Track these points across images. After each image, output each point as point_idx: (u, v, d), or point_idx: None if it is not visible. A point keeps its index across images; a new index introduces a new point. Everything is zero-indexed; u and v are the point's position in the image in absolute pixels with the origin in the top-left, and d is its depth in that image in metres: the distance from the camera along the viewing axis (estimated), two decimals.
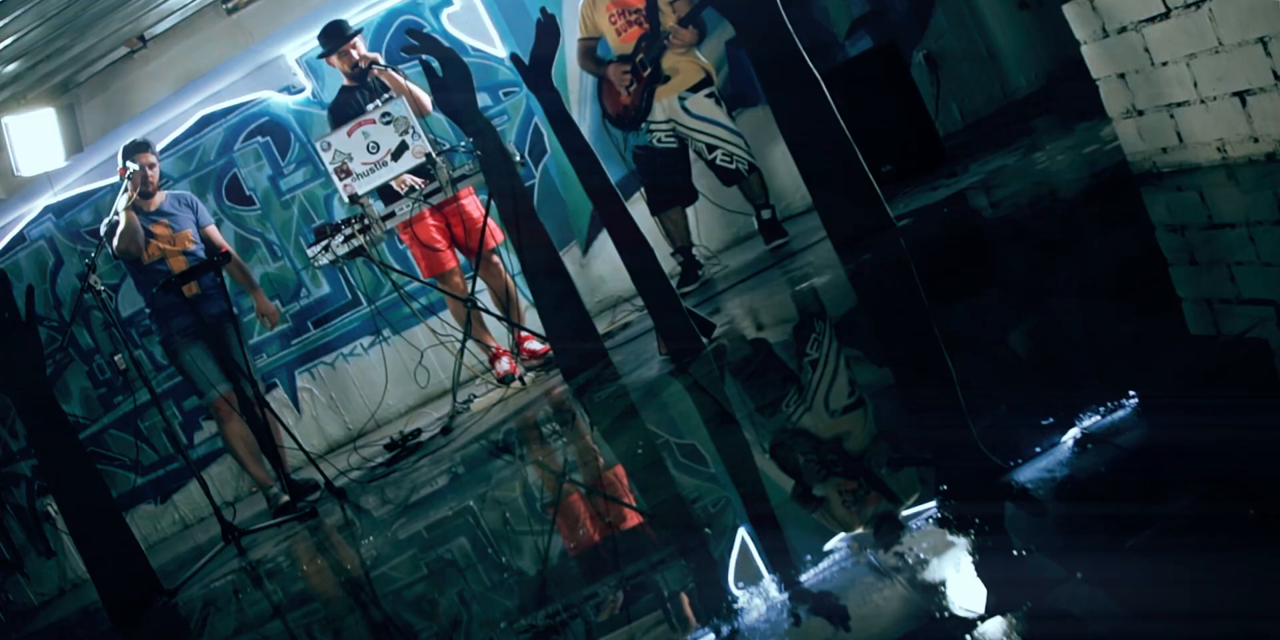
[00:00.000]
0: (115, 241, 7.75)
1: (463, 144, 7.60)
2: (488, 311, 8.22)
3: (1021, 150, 7.00)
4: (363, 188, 7.51)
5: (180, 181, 9.94)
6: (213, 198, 9.98)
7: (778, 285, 6.79)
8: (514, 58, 6.78)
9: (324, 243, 7.49)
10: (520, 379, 7.91)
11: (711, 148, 8.12)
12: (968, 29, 9.47)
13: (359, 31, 8.26)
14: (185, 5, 9.00)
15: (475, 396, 8.22)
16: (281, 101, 9.80)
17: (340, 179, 7.50)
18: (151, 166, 8.05)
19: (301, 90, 9.79)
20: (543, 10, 6.76)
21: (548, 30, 6.65)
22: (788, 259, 7.49)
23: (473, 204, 8.20)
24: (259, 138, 9.93)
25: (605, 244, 9.38)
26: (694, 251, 8.43)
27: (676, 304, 6.02)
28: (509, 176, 7.25)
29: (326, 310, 10.12)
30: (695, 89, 8.13)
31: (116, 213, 7.76)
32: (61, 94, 9.48)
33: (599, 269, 9.67)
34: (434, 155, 7.40)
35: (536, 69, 6.58)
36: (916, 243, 6.05)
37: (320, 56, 8.39)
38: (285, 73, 9.71)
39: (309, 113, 9.59)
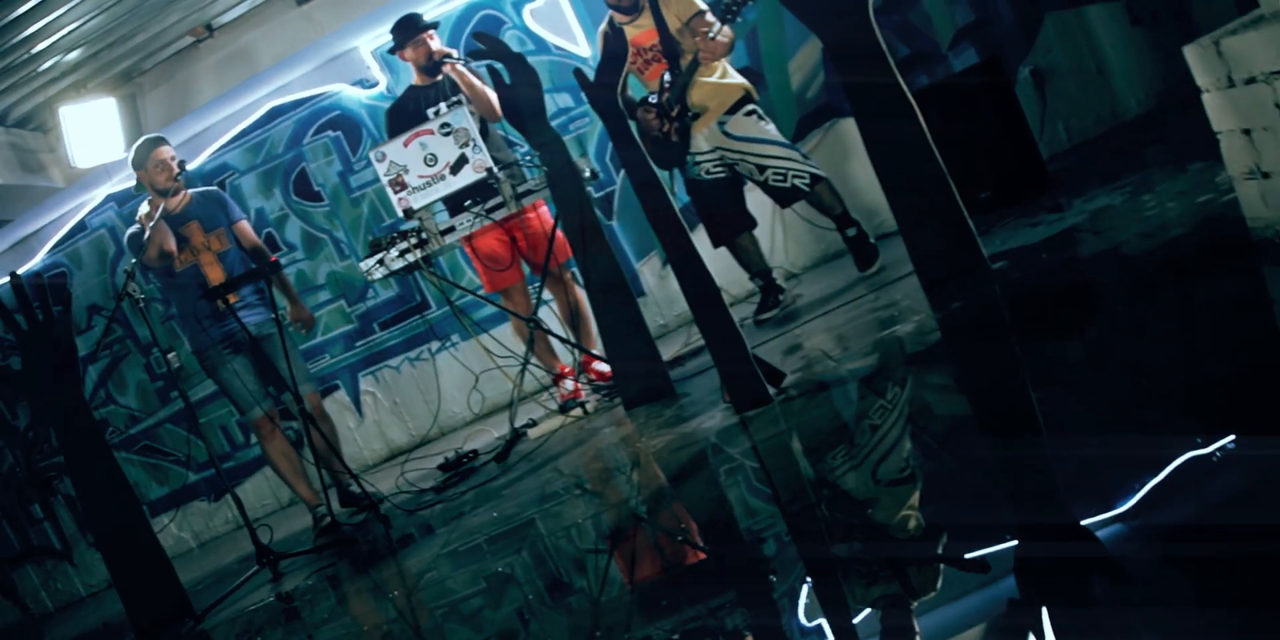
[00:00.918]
0: (148, 252, 7.28)
1: (527, 157, 7.08)
2: (550, 333, 7.67)
3: (1129, 188, 6.32)
4: (419, 202, 7.01)
5: (247, 174, 9.63)
6: (280, 192, 9.63)
7: (860, 325, 6.17)
8: (577, 73, 6.16)
9: (379, 256, 6.99)
10: (583, 406, 7.38)
11: (761, 168, 7.35)
12: (1077, 44, 8.78)
13: (435, 25, 7.70)
14: None
15: (534, 421, 7.68)
16: (354, 95, 9.33)
17: (395, 192, 7.00)
18: (173, 158, 7.48)
19: (375, 84, 9.32)
20: (609, 21, 6.20)
21: (615, 44, 6.07)
22: (876, 291, 6.85)
23: (539, 217, 7.61)
24: (329, 132, 9.51)
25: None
26: (774, 274, 7.79)
27: (742, 349, 5.41)
28: (576, 192, 6.70)
29: (394, 312, 9.66)
30: (734, 109, 7.40)
31: (139, 222, 7.33)
32: (124, 83, 9.10)
33: (670, 287, 9.13)
34: (495, 170, 6.86)
35: (601, 86, 6.00)
36: (1011, 293, 5.41)
37: (391, 50, 7.83)
38: (359, 66, 9.22)
39: (382, 108, 8.98)
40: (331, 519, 7.33)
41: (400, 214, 7.02)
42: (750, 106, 7.41)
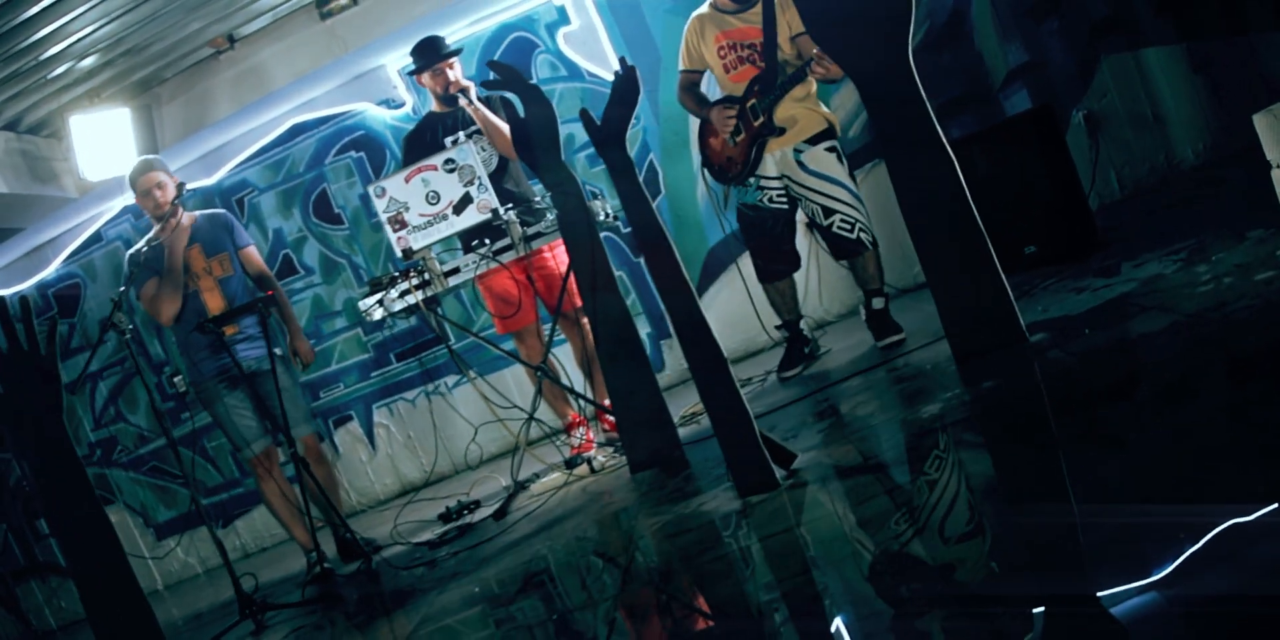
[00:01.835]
0: (150, 292, 7.03)
1: (538, 199, 6.56)
2: (557, 383, 7.10)
3: (1184, 254, 5.73)
4: (419, 242, 6.48)
5: (266, 192, 9.19)
6: (299, 213, 9.16)
7: (886, 399, 5.61)
8: (584, 115, 5.58)
9: (378, 296, 6.48)
10: (589, 462, 6.81)
11: (828, 212, 6.67)
12: (1134, 89, 8.21)
13: (457, 52, 7.18)
14: (277, 6, 8.08)
15: (537, 476, 7.14)
16: (379, 115, 8.84)
17: (394, 230, 6.48)
18: (160, 187, 7.00)
19: (402, 105, 8.82)
20: (622, 61, 5.65)
21: (626, 88, 5.50)
22: (906, 355, 6.30)
23: (556, 257, 7.03)
24: (352, 152, 9.02)
25: (718, 296, 8.56)
26: (803, 324, 7.22)
27: (749, 430, 4.85)
28: (589, 238, 6.16)
29: (411, 344, 9.16)
30: (814, 141, 6.74)
31: (140, 254, 6.84)
32: (140, 93, 8.64)
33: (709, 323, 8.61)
34: (501, 212, 6.35)
35: (609, 133, 5.45)
36: (1051, 376, 4.83)
37: (410, 73, 7.32)
38: (385, 85, 8.73)
39: (407, 130, 8.51)
40: (322, 568, 6.84)
41: (399, 254, 6.49)
42: (832, 142, 6.78)
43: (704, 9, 6.92)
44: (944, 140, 5.31)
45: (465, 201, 6.32)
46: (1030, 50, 8.21)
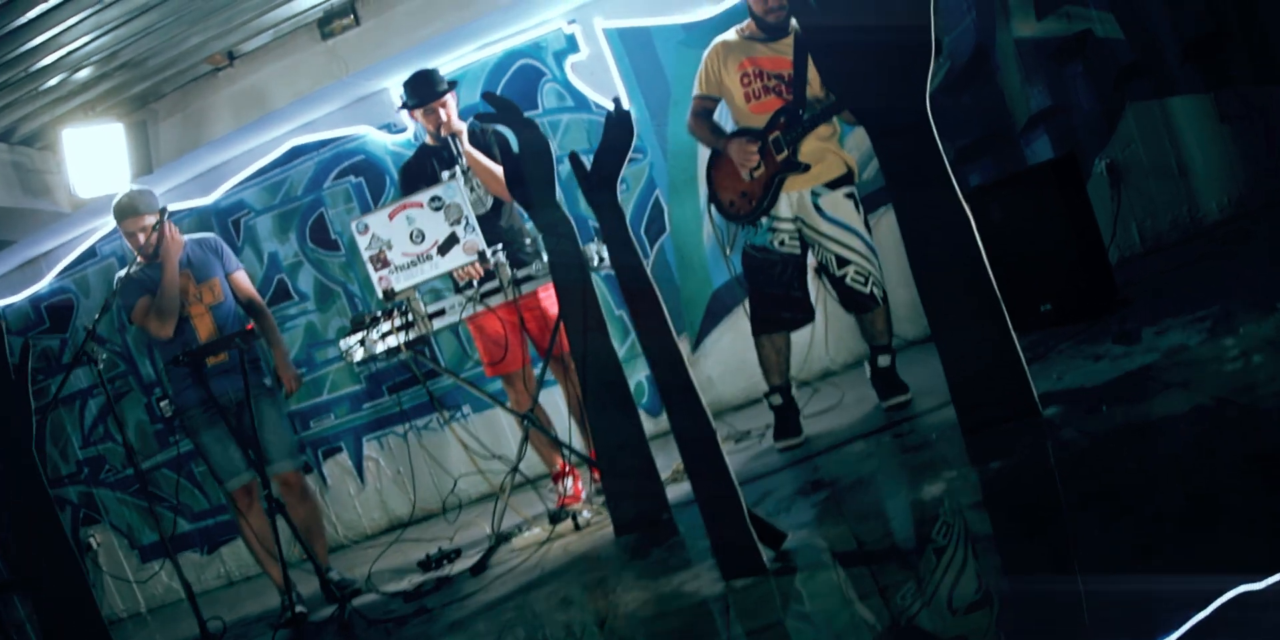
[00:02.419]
0: (143, 311, 6.73)
1: (529, 240, 6.19)
2: (544, 432, 6.69)
3: (1209, 323, 5.33)
4: (401, 283, 6.09)
5: (263, 214, 8.86)
6: (295, 237, 8.80)
7: (886, 471, 5.23)
8: (573, 159, 5.18)
9: (359, 336, 6.09)
10: (574, 518, 6.39)
11: (843, 262, 6.21)
12: (1159, 138, 7.79)
13: (452, 87, 6.75)
14: (278, 24, 7.70)
15: (520, 529, 6.71)
16: (380, 140, 8.48)
17: (376, 269, 6.10)
18: (144, 230, 6.65)
19: (403, 130, 8.46)
20: (616, 102, 5.25)
21: (618, 132, 5.10)
22: (907, 421, 5.90)
23: (552, 298, 6.51)
24: (351, 177, 8.67)
25: (720, 340, 8.19)
26: (794, 391, 6.65)
27: (737, 512, 4.44)
28: (580, 283, 5.76)
29: (404, 376, 8.75)
30: (833, 185, 6.27)
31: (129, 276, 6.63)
32: (136, 109, 8.24)
33: (709, 368, 8.21)
34: (488, 254, 5.96)
35: (598, 178, 5.05)
36: (1064, 461, 4.42)
37: (401, 107, 6.93)
38: (386, 109, 8.40)
39: (408, 156, 8.15)
40: (294, 613, 6.50)
41: (379, 295, 6.11)
42: (851, 188, 6.32)
43: (730, 35, 6.43)
44: (957, 189, 4.92)
45: (451, 242, 5.94)
46: (1054, 94, 7.82)
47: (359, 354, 6.09)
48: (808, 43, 5.28)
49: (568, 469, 6.89)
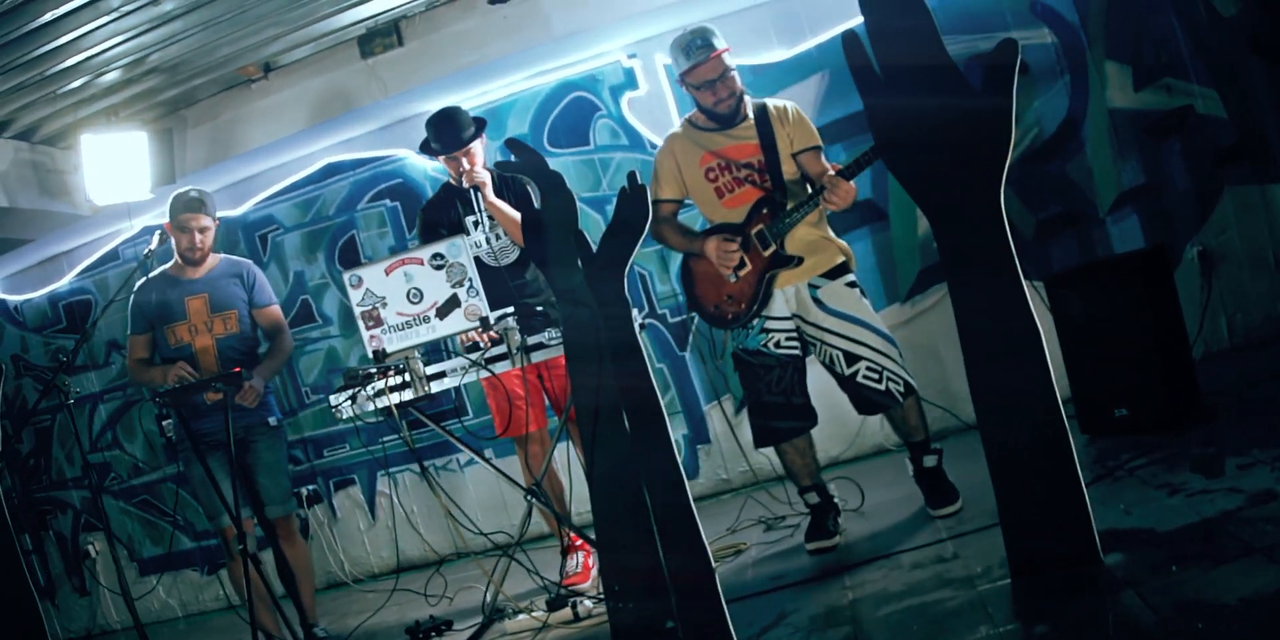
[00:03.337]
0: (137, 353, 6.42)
1: (539, 308, 5.49)
2: (549, 509, 5.95)
3: None
4: (393, 345, 5.38)
5: (292, 231, 8.16)
6: (324, 258, 8.15)
7: (914, 608, 4.46)
8: (578, 236, 4.59)
9: (350, 392, 5.43)
10: (574, 607, 5.60)
11: (852, 358, 5.43)
12: (1257, 227, 6.96)
13: (479, 130, 6.09)
14: (318, 38, 7.10)
15: (516, 610, 5.89)
16: (419, 165, 7.79)
17: (367, 327, 5.40)
18: (203, 231, 6.18)
19: None
20: (631, 177, 4.59)
21: (632, 210, 4.44)
22: (954, 538, 5.11)
23: None
24: (386, 201, 8.01)
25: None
26: (831, 488, 5.85)
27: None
28: (596, 362, 4.99)
29: (430, 410, 8.07)
30: (831, 275, 5.53)
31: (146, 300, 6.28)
32: (162, 116, 7.65)
33: (745, 435, 7.48)
34: (490, 319, 5.25)
35: (605, 264, 4.36)
36: (1122, 624, 3.66)
37: (421, 150, 6.28)
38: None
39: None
40: None
41: (369, 354, 5.42)
42: (850, 276, 5.57)
43: (678, 129, 5.78)
44: (1022, 279, 4.15)
45: (451, 305, 5.23)
46: (1147, 172, 7.02)
47: (347, 411, 5.46)
48: (870, 117, 4.50)
49: (579, 542, 6.23)
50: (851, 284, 5.55)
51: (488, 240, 6.06)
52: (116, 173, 7.36)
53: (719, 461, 7.61)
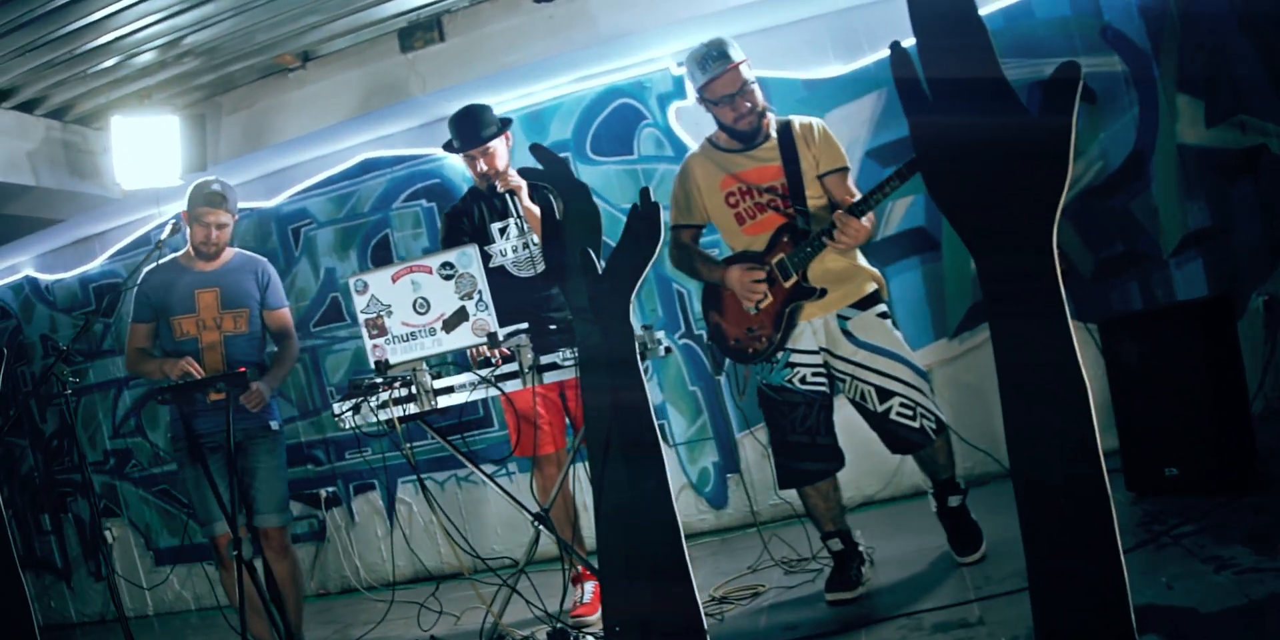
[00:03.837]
0: (137, 342, 6.01)
1: (553, 326, 5.10)
2: (555, 536, 5.49)
3: None
4: (396, 356, 5.01)
5: (325, 226, 7.86)
6: (356, 256, 7.83)
7: None
8: (583, 254, 4.23)
9: (354, 402, 5.04)
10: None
11: (885, 394, 4.99)
12: None
13: (503, 129, 5.72)
14: (358, 29, 6.76)
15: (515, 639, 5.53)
16: (457, 166, 7.41)
17: (370, 336, 5.03)
18: (220, 227, 5.81)
19: None
20: (644, 193, 4.21)
21: (643, 230, 4.07)
22: (980, 601, 4.64)
23: None
24: (423, 201, 7.68)
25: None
26: (857, 534, 5.39)
27: None
28: (608, 387, 4.56)
29: (452, 421, 7.71)
30: (862, 305, 5.09)
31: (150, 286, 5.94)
32: (198, 101, 7.32)
33: (771, 469, 7.07)
34: (499, 336, 4.84)
35: (612, 285, 3.96)
36: None
37: (444, 146, 5.89)
38: None
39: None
40: None
41: (371, 364, 5.04)
42: (882, 306, 5.14)
43: (697, 150, 5.38)
44: (1070, 324, 3.63)
45: (459, 318, 4.84)
46: (1215, 213, 6.52)
47: (349, 421, 5.07)
48: (914, 137, 4.05)
49: (586, 573, 5.81)
50: (883, 314, 5.12)
51: (514, 249, 5.66)
52: (146, 157, 7.05)
53: (749, 492, 7.19)
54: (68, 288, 8.77)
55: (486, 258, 5.60)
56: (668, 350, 5.22)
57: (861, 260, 5.18)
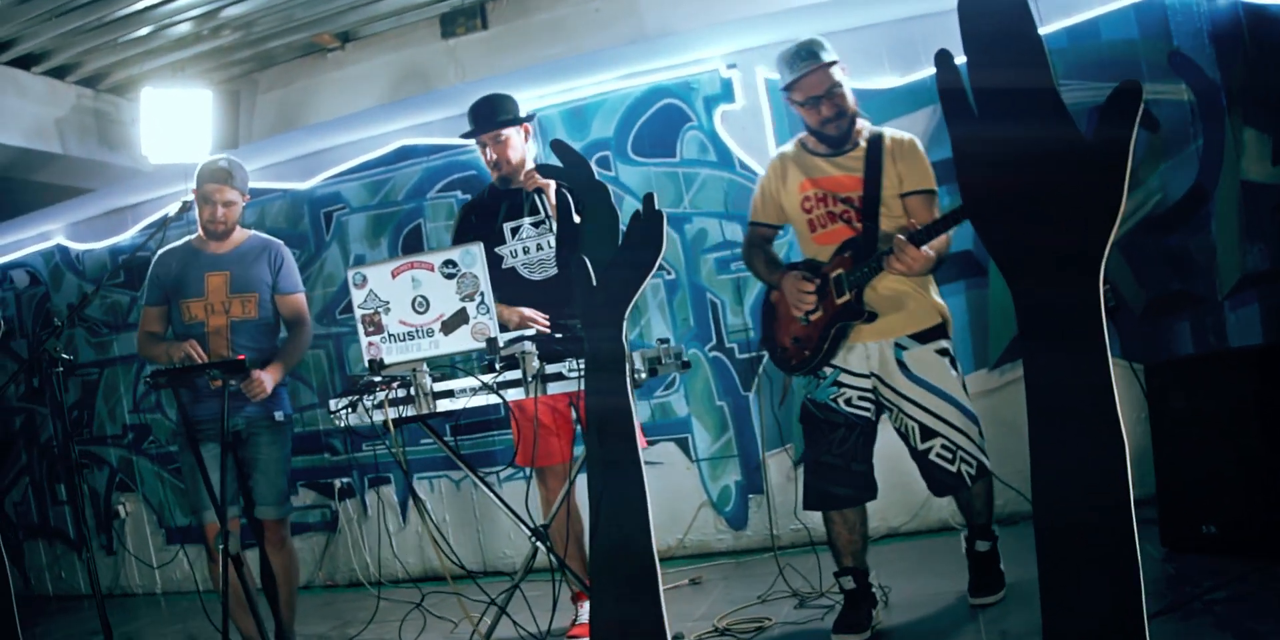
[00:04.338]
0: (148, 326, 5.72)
1: (558, 335, 4.83)
2: (553, 554, 5.13)
3: None
4: (391, 356, 4.66)
5: (358, 212, 7.56)
6: (387, 244, 7.53)
7: None
8: (577, 263, 3.96)
9: (349, 399, 4.73)
10: None
11: (928, 433, 4.64)
12: None
13: (517, 122, 5.42)
14: (400, 12, 6.45)
15: None
16: None
17: (366, 332, 4.68)
18: (227, 204, 5.52)
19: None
20: (648, 199, 3.93)
21: (645, 236, 3.84)
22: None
23: None
24: (458, 192, 7.35)
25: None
26: (873, 575, 4.99)
27: None
28: (614, 401, 4.21)
29: (471, 419, 7.39)
30: (923, 338, 4.72)
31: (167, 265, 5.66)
32: (232, 78, 7.06)
33: (797, 494, 6.69)
34: (499, 342, 4.48)
35: (607, 299, 3.74)
36: None
37: (463, 134, 5.58)
38: None
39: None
40: None
41: (365, 363, 4.71)
42: (945, 342, 4.76)
43: (789, 148, 4.96)
44: (1109, 358, 3.24)
45: (459, 320, 4.49)
46: (1276, 256, 6.09)
47: (344, 418, 4.78)
48: (955, 152, 3.66)
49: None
50: (943, 351, 4.75)
51: (524, 250, 5.35)
52: (176, 131, 6.82)
53: (770, 515, 6.84)
54: (98, 258, 8.55)
55: (498, 258, 5.34)
56: (686, 364, 4.90)
57: (932, 291, 4.82)
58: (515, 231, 5.32)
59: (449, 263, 4.49)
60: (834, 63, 4.69)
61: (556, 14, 6.51)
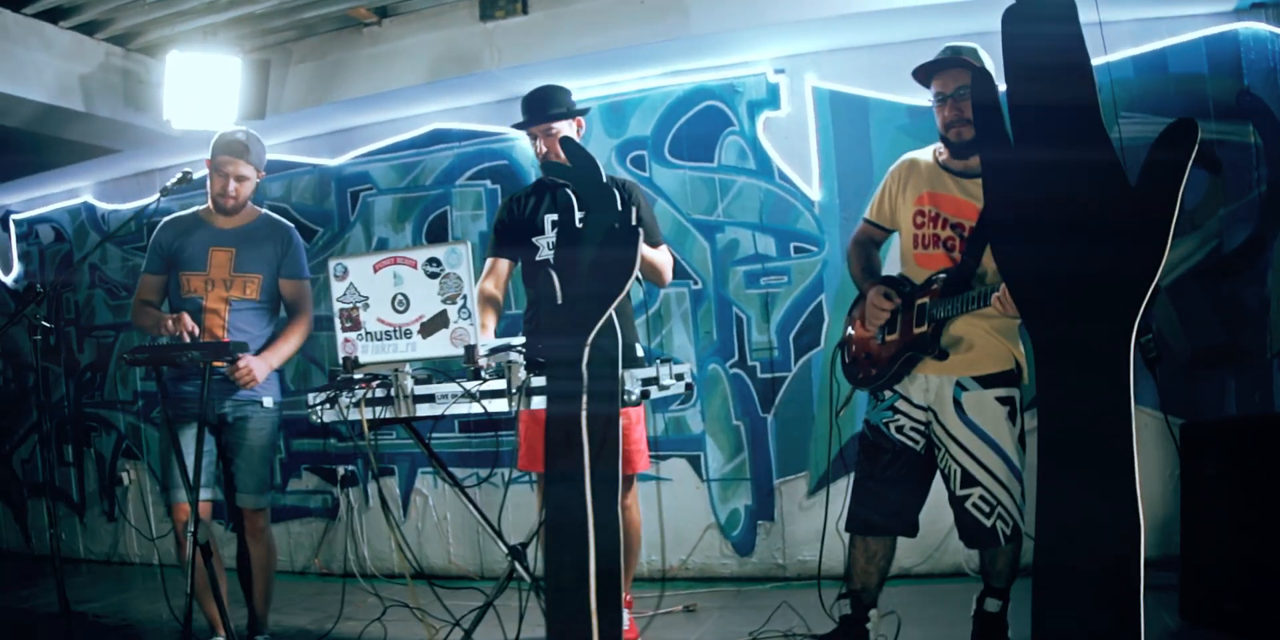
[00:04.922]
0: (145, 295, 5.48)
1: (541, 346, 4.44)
2: (527, 571, 4.80)
3: None
4: (367, 355, 4.34)
5: (385, 194, 7.32)
6: (411, 230, 7.28)
7: None
8: (544, 276, 3.73)
9: (328, 394, 4.40)
10: None
11: (969, 481, 4.27)
12: None
13: (570, 115, 5.12)
14: None
15: None
16: (528, 150, 6.70)
17: (343, 328, 4.36)
18: (240, 179, 5.26)
19: None
20: (625, 205, 3.62)
21: (615, 250, 3.58)
22: None
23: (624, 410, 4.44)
24: (487, 182, 7.10)
25: (841, 495, 6.21)
26: (873, 614, 4.64)
27: None
28: (603, 418, 3.85)
29: (480, 417, 7.08)
30: (987, 383, 4.33)
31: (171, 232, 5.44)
32: (264, 47, 6.78)
33: (808, 524, 6.33)
34: (478, 350, 4.13)
35: (572, 316, 3.49)
36: None
37: (515, 124, 5.29)
38: None
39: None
40: None
41: (339, 359, 4.40)
42: (1010, 391, 4.37)
43: (922, 153, 4.59)
44: (1132, 409, 2.84)
45: (438, 323, 4.15)
46: None
47: (321, 415, 4.47)
48: (986, 177, 3.28)
49: (626, 598, 5.13)
50: (1005, 400, 4.36)
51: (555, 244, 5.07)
52: (202, 97, 6.52)
53: (778, 544, 6.49)
54: (123, 219, 8.27)
55: (534, 249, 5.08)
56: (689, 387, 4.55)
57: (1013, 337, 4.45)
58: (554, 224, 5.00)
59: (433, 261, 4.14)
60: (968, 64, 4.35)
61: (600, 3, 6.16)
